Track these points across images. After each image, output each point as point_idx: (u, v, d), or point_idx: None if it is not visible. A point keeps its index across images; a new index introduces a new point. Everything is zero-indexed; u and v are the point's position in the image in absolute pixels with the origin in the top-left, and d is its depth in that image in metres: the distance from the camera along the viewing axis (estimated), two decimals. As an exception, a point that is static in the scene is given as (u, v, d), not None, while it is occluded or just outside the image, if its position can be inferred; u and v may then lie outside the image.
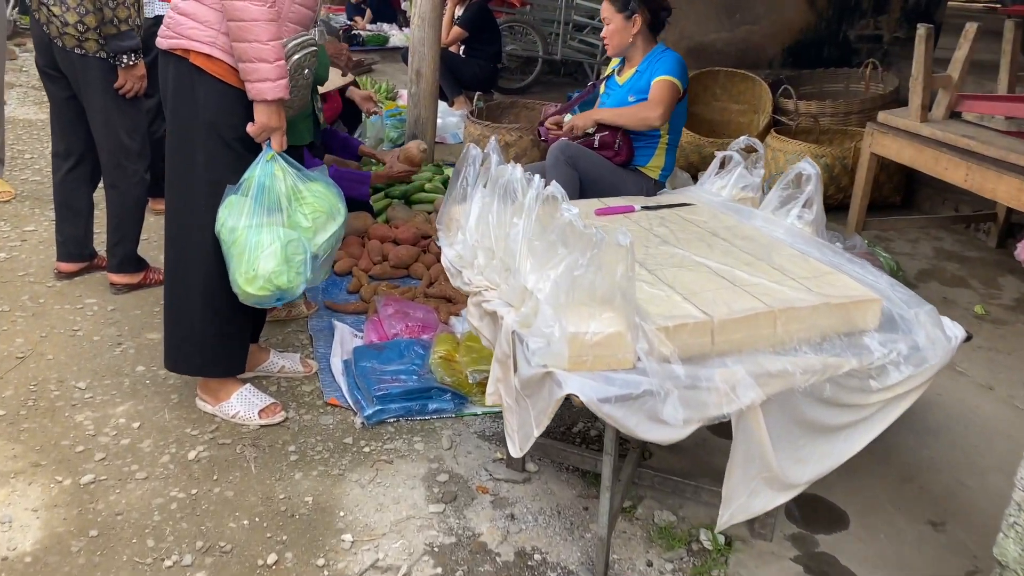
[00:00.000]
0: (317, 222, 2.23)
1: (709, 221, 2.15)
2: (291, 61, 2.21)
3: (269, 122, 2.17)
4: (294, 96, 2.28)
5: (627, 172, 3.67)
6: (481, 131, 4.69)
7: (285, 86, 2.15)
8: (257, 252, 2.13)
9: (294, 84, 2.25)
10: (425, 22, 4.74)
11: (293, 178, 2.23)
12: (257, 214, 2.16)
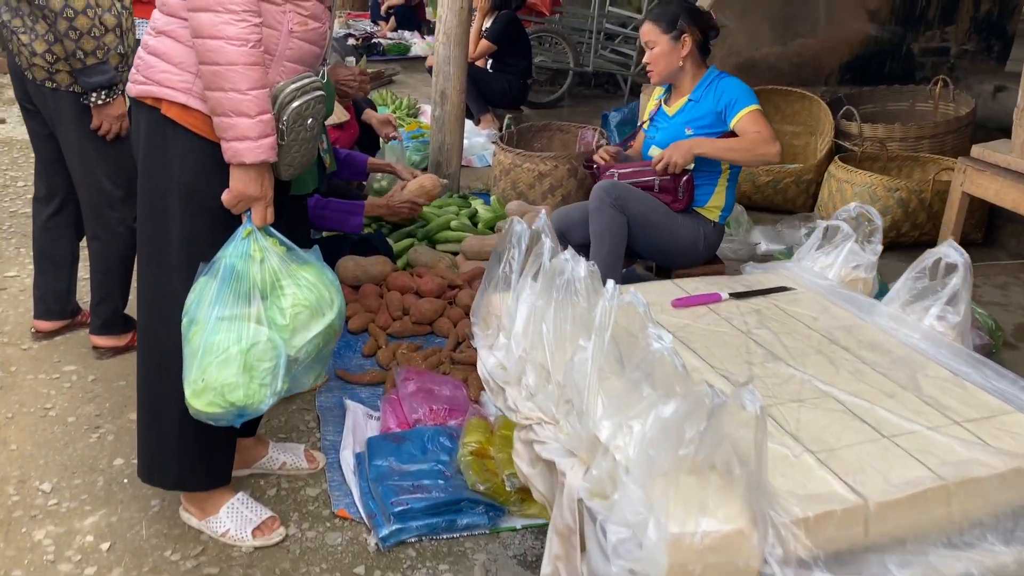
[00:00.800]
0: (298, 319, 1.77)
1: (820, 317, 1.68)
2: (288, 110, 1.77)
3: (247, 190, 1.74)
4: (294, 153, 1.84)
5: (683, 215, 3.21)
6: (512, 159, 4.24)
7: (270, 146, 1.72)
8: (210, 357, 1.68)
9: (293, 138, 1.81)
10: (451, 39, 4.31)
11: (276, 261, 1.78)
12: (222, 304, 1.72)
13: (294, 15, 1.77)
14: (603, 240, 3.06)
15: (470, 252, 3.62)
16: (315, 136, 1.91)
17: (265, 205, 1.78)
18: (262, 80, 1.68)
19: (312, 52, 1.87)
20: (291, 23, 1.77)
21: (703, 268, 3.38)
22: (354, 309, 3.21)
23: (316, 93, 1.84)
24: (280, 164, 1.84)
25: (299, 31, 1.79)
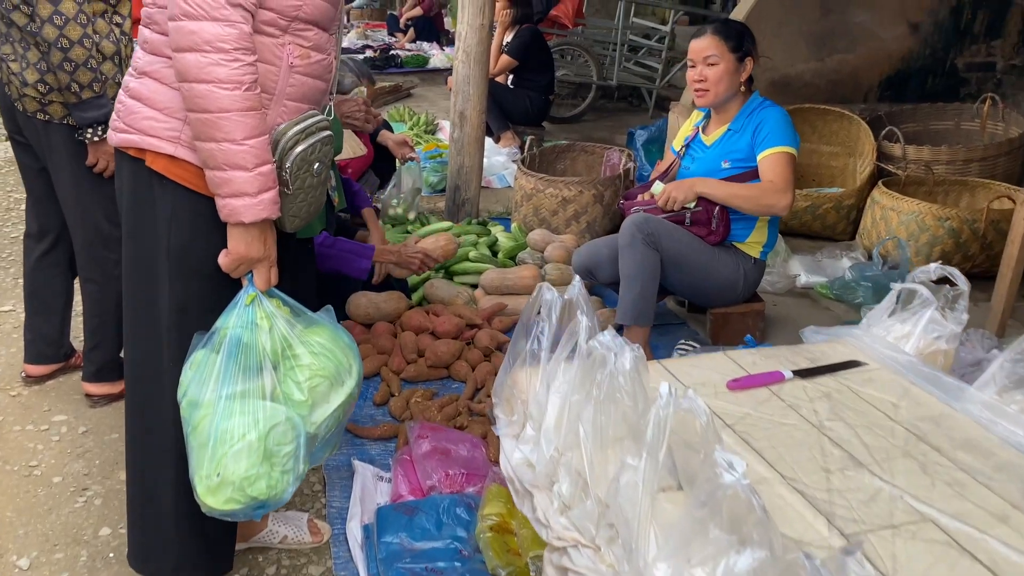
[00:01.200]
0: (316, 392, 1.56)
1: (901, 404, 1.44)
2: (292, 156, 1.56)
3: (248, 252, 1.53)
4: (299, 203, 1.63)
5: (721, 250, 2.97)
6: (534, 184, 4.01)
7: (271, 201, 1.50)
8: (224, 447, 1.46)
9: (299, 186, 1.60)
10: (470, 58, 4.09)
11: (284, 328, 1.56)
12: (229, 381, 1.50)
13: (294, 48, 1.56)
14: (634, 280, 2.83)
15: (490, 287, 3.40)
16: (323, 182, 1.70)
17: (269, 266, 1.57)
18: (260, 127, 1.47)
19: (317, 88, 1.65)
20: (291, 57, 1.55)
21: (742, 307, 3.14)
22: (365, 351, 2.99)
23: (323, 134, 1.63)
24: (284, 216, 1.63)
25: (301, 65, 1.58)
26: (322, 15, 1.59)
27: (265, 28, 1.51)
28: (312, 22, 1.58)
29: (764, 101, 2.92)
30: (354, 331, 3.12)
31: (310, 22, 1.57)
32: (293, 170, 1.57)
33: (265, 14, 1.50)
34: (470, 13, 4.04)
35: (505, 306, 3.30)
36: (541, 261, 3.60)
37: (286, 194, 1.58)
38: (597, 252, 3.12)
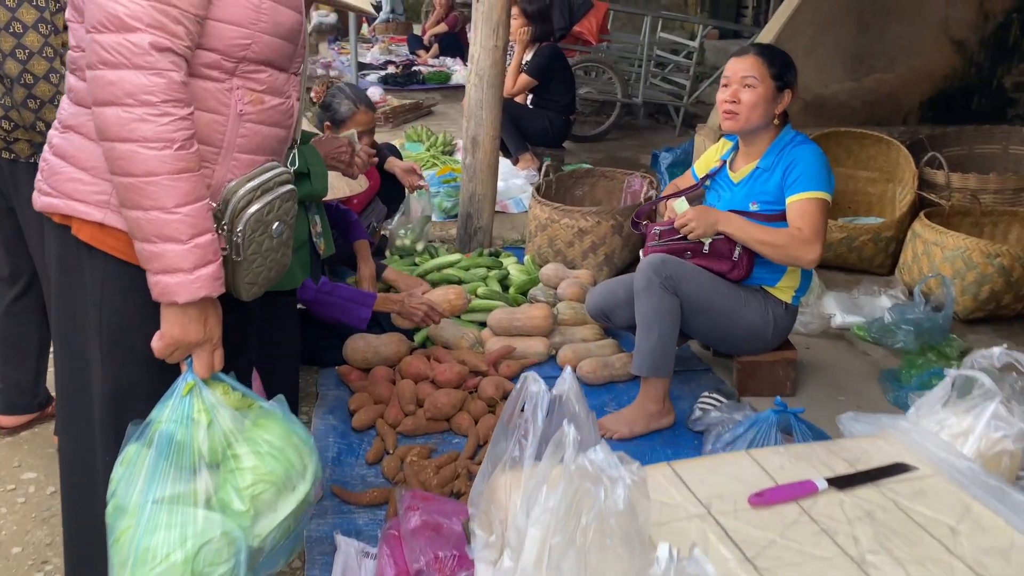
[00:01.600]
0: (260, 500, 1.33)
1: (961, 529, 1.18)
2: (244, 219, 1.35)
3: (184, 335, 1.31)
4: (257, 268, 1.42)
5: (748, 293, 2.72)
6: (549, 214, 3.78)
7: (211, 277, 1.29)
8: (143, 569, 1.24)
9: (254, 251, 1.39)
10: (484, 81, 3.88)
11: (228, 421, 1.34)
12: (158, 484, 1.27)
13: (244, 93, 1.35)
14: (651, 327, 2.58)
15: (498, 327, 3.17)
16: (287, 242, 1.49)
17: (211, 350, 1.35)
18: (196, 191, 1.25)
19: (274, 136, 1.44)
20: (241, 104, 1.35)
21: (772, 355, 2.89)
22: (360, 400, 2.78)
23: (282, 189, 1.42)
24: (238, 284, 1.42)
25: (253, 113, 1.37)
26: (276, 54, 1.38)
27: (207, 72, 1.31)
28: (264, 62, 1.37)
29: (796, 136, 2.66)
30: (350, 376, 2.92)
31: (261, 63, 1.36)
32: (246, 233, 1.36)
33: (206, 55, 1.30)
34: (483, 34, 3.83)
35: (513, 349, 3.07)
36: (554, 299, 3.36)
37: (236, 261, 1.37)
38: (612, 293, 2.87)
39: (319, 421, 2.69)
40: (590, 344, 3.11)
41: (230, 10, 1.29)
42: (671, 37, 7.65)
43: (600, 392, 2.95)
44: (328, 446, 2.58)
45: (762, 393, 2.91)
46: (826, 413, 2.84)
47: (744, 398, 2.89)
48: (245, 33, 1.31)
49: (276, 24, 1.36)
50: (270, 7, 1.34)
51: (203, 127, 1.31)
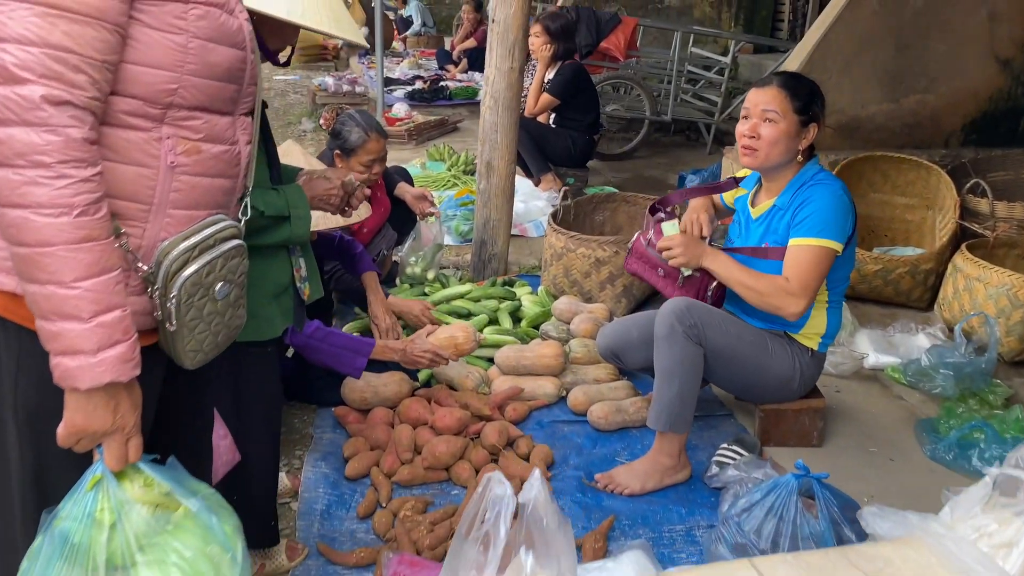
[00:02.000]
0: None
1: None
2: (178, 283, 1.21)
3: (88, 424, 1.15)
4: (199, 335, 1.27)
5: (773, 340, 2.53)
6: (564, 242, 3.60)
7: (117, 360, 1.13)
8: None
9: (193, 316, 1.24)
10: (499, 104, 3.73)
11: (138, 524, 1.18)
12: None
13: (176, 141, 1.20)
14: (671, 379, 2.40)
15: (505, 366, 3.00)
16: (236, 302, 1.34)
17: (122, 440, 1.19)
18: (101, 262, 1.11)
19: (217, 188, 1.29)
20: (172, 154, 1.20)
21: (798, 403, 2.68)
22: (355, 447, 2.62)
23: (226, 246, 1.27)
24: (179, 352, 1.27)
25: (188, 164, 1.23)
26: (212, 97, 1.24)
27: (129, 120, 1.16)
28: (197, 107, 1.22)
29: (818, 174, 2.46)
30: (348, 418, 2.77)
31: (194, 108, 1.22)
32: (182, 298, 1.21)
33: (125, 103, 1.15)
34: (498, 55, 3.68)
35: (520, 391, 2.90)
36: (567, 335, 3.18)
37: (170, 330, 1.23)
38: (625, 334, 2.69)
39: (310, 469, 2.55)
40: (603, 386, 2.93)
41: (150, 52, 1.15)
42: (703, 52, 7.45)
43: (612, 439, 2.76)
44: (317, 497, 2.43)
45: (787, 443, 2.71)
46: (855, 466, 2.64)
47: (767, 448, 2.69)
48: (169, 76, 1.17)
49: (207, 65, 1.21)
50: (198, 47, 1.19)
51: (128, 183, 1.17)
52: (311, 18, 1.72)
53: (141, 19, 1.15)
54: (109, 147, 1.16)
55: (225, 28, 1.23)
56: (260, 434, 1.98)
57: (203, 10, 1.19)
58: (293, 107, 9.08)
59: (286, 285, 1.95)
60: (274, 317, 1.91)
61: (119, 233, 1.17)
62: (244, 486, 1.97)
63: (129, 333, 1.14)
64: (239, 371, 1.93)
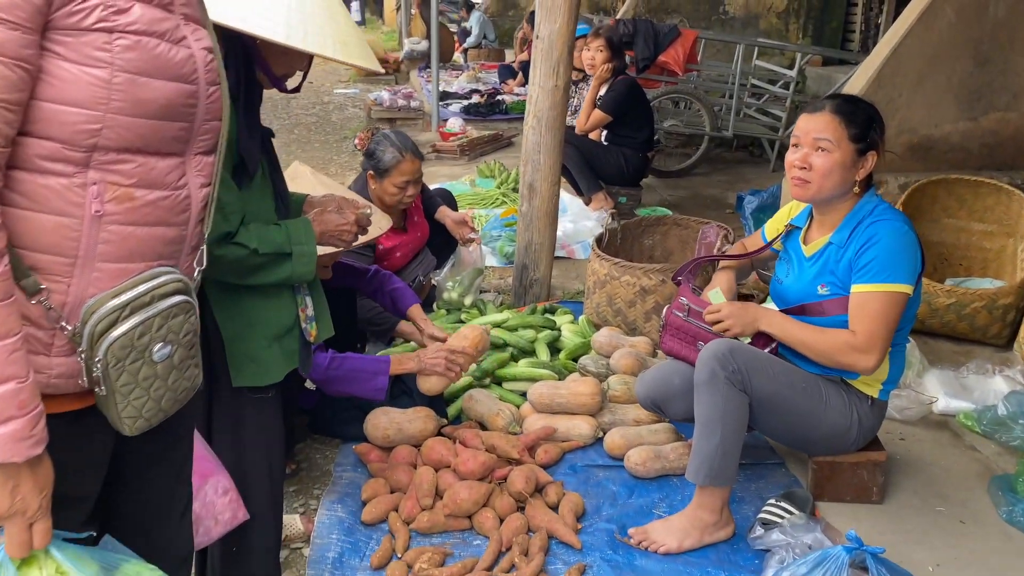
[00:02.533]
0: None
1: None
2: (105, 344, 1.09)
3: None
4: (135, 400, 1.15)
5: (828, 387, 2.31)
6: (608, 270, 3.42)
7: (10, 439, 1.01)
8: None
9: (127, 381, 1.12)
10: (542, 124, 3.57)
11: None
12: None
13: (104, 187, 1.08)
14: (712, 429, 2.20)
15: (538, 403, 2.82)
16: (180, 365, 1.20)
17: (22, 524, 1.06)
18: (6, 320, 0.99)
19: (157, 238, 1.16)
20: (98, 202, 1.07)
21: (856, 456, 2.45)
22: (374, 489, 2.49)
23: (165, 303, 1.15)
24: (114, 417, 1.15)
25: (118, 212, 1.10)
26: (146, 139, 1.11)
27: (46, 165, 1.04)
28: (128, 149, 1.09)
29: (878, 207, 2.22)
30: (370, 456, 2.64)
31: (125, 150, 1.09)
32: (109, 362, 1.09)
33: (39, 146, 1.03)
34: (542, 73, 3.52)
35: (553, 431, 2.72)
36: (606, 370, 2.99)
37: (101, 395, 1.10)
38: (666, 382, 2.49)
39: (325, 512, 2.41)
40: (643, 428, 2.73)
41: (68, 89, 1.03)
42: (767, 65, 7.16)
43: (650, 488, 2.56)
44: (330, 544, 2.29)
45: (842, 498, 2.47)
46: (920, 528, 2.38)
47: (821, 503, 2.45)
48: (90, 116, 1.04)
49: (137, 103, 1.08)
50: (125, 82, 1.06)
51: (47, 233, 1.06)
52: (313, 42, 1.59)
53: (56, 51, 1.02)
54: (25, 195, 1.04)
55: (163, 60, 1.10)
56: (259, 484, 1.86)
57: (132, 40, 1.06)
58: (350, 121, 9.10)
59: (290, 326, 1.82)
60: (274, 362, 1.78)
61: (38, 289, 1.06)
62: (243, 537, 1.85)
63: (26, 408, 1.02)
64: (238, 418, 1.81)
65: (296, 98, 10.76)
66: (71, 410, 1.15)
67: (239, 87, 1.64)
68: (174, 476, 1.44)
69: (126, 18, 1.07)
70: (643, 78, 6.45)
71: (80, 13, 1.03)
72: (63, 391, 1.12)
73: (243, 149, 1.67)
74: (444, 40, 12.45)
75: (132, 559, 1.20)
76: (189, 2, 1.21)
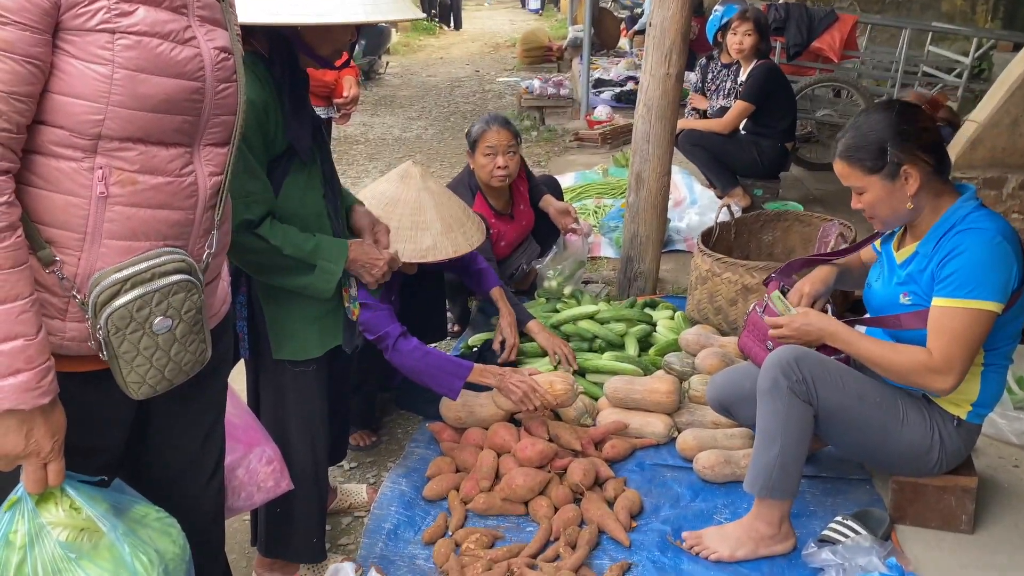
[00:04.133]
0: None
1: None
2: (107, 313, 1.21)
3: (1, 447, 1.17)
4: (138, 366, 1.27)
5: (907, 402, 2.14)
6: (710, 265, 3.30)
7: (20, 388, 1.14)
8: None
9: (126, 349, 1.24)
10: (652, 112, 3.50)
11: (48, 550, 1.18)
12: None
13: (109, 171, 1.20)
14: (771, 439, 2.11)
15: (613, 397, 2.80)
16: (183, 339, 1.31)
17: (37, 464, 1.20)
18: (3, 289, 1.12)
19: (161, 220, 1.27)
20: (104, 184, 1.19)
21: (943, 479, 2.25)
22: (439, 467, 2.57)
23: (164, 281, 1.25)
24: (120, 381, 1.27)
25: (122, 195, 1.22)
26: (147, 130, 1.21)
27: (58, 150, 1.17)
28: (130, 138, 1.20)
29: (970, 215, 2.01)
30: (443, 435, 2.72)
31: (127, 139, 1.20)
32: (109, 331, 1.20)
33: (52, 133, 1.16)
34: (653, 61, 3.46)
35: (624, 426, 2.69)
36: (690, 369, 2.90)
37: (106, 359, 1.23)
38: (737, 385, 2.39)
39: (389, 485, 2.52)
40: (718, 432, 2.64)
41: (75, 83, 1.15)
42: (941, 51, 6.58)
43: (716, 492, 2.48)
44: (388, 516, 2.40)
45: (927, 524, 2.28)
46: (1013, 564, 2.16)
47: (903, 526, 2.28)
48: (93, 108, 1.16)
49: (136, 97, 1.18)
50: (124, 78, 1.17)
51: (59, 211, 1.19)
52: (345, 12, 1.65)
53: (66, 49, 1.15)
54: (41, 176, 1.18)
55: (165, 59, 1.21)
56: (302, 454, 1.97)
57: (133, 40, 1.17)
58: (505, 109, 9.26)
59: (331, 306, 1.91)
60: (314, 338, 1.89)
61: (52, 260, 1.19)
62: (286, 502, 1.97)
63: (33, 362, 1.15)
64: (279, 390, 1.93)
65: (460, 85, 11.10)
66: (87, 371, 1.29)
67: (283, 78, 1.74)
68: (200, 441, 1.56)
69: (129, 20, 1.18)
70: (796, 64, 6.13)
71: (85, 15, 1.15)
72: (77, 353, 1.26)
73: (291, 136, 1.77)
74: (610, 26, 12.35)
75: (140, 501, 1.33)
76: (208, 5, 1.32)
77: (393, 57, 13.15)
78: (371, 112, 9.18)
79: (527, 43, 12.31)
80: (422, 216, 2.63)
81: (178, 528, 1.38)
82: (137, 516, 1.35)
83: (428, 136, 8.06)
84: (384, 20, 1.72)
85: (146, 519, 1.33)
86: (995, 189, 3.93)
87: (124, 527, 1.25)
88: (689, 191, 5.22)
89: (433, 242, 2.62)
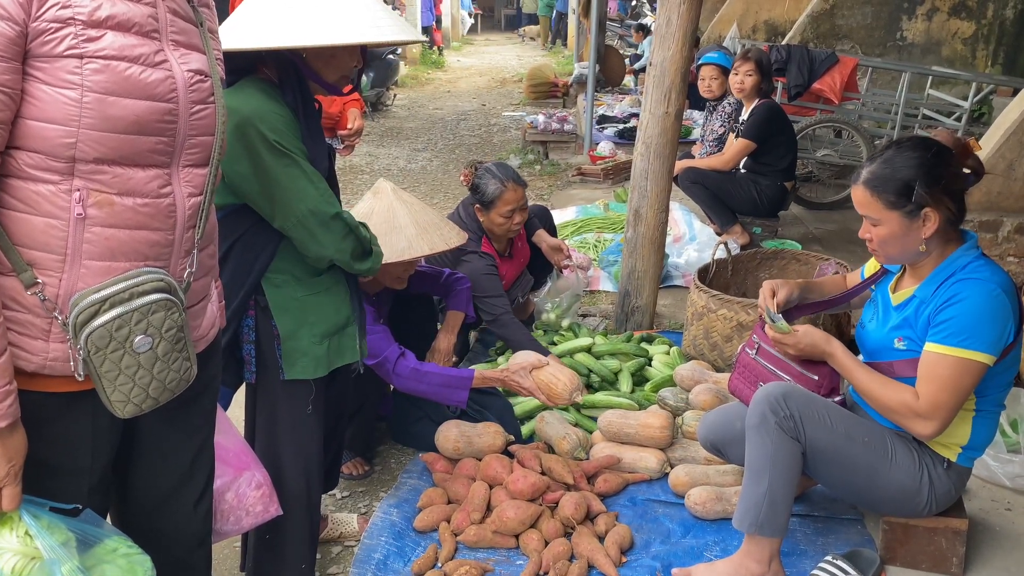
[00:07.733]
0: None
1: None
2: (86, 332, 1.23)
3: None
4: (121, 385, 1.29)
5: (896, 442, 2.15)
6: (706, 302, 3.33)
7: None
8: None
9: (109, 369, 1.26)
10: (651, 150, 3.55)
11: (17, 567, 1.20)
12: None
13: (86, 193, 1.23)
14: (759, 475, 2.11)
15: (607, 431, 2.81)
16: (166, 357, 1.32)
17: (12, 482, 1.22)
18: None
19: (140, 240, 1.30)
20: (83, 206, 1.23)
21: (933, 520, 2.25)
22: (431, 498, 2.57)
23: (143, 300, 1.27)
24: (104, 400, 1.29)
25: (101, 216, 1.25)
26: (120, 152, 1.24)
27: (34, 173, 1.21)
28: (104, 160, 1.23)
29: (971, 264, 2.02)
30: (436, 466, 2.73)
31: (101, 161, 1.23)
32: (90, 350, 1.23)
33: (28, 156, 1.20)
34: (653, 100, 3.51)
35: (616, 460, 2.69)
36: (684, 405, 2.91)
37: (90, 377, 1.25)
38: (728, 425, 2.40)
39: (380, 515, 2.53)
40: (711, 468, 2.64)
41: (46, 108, 1.18)
42: (941, 95, 6.65)
43: (708, 529, 2.47)
44: (377, 546, 2.40)
45: (917, 566, 2.28)
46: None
47: (893, 568, 2.27)
48: (65, 131, 1.19)
49: (107, 119, 1.22)
50: (94, 101, 1.20)
51: (39, 233, 1.22)
52: (351, 33, 1.69)
53: (36, 76, 1.18)
54: (21, 199, 1.21)
55: (133, 81, 1.24)
56: (293, 480, 1.99)
57: (101, 64, 1.20)
58: (509, 143, 9.35)
59: (342, 324, 1.95)
60: (323, 356, 1.92)
61: (34, 282, 1.22)
62: (277, 528, 1.98)
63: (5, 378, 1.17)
64: (272, 414, 1.95)
65: (466, 119, 11.22)
66: (72, 391, 1.31)
67: (297, 102, 1.79)
68: (188, 463, 1.57)
69: (96, 45, 1.21)
70: (797, 105, 6.20)
71: (52, 42, 1.19)
72: (61, 373, 1.29)
73: (310, 159, 1.81)
74: (615, 64, 12.48)
75: (112, 534, 1.34)
76: (184, 30, 1.35)
77: (401, 89, 13.29)
78: (377, 143, 9.27)
79: (533, 79, 12.45)
80: (396, 221, 2.61)
81: (149, 565, 1.37)
82: (105, 550, 1.34)
83: (433, 167, 8.13)
84: (384, 42, 1.75)
85: (114, 554, 1.33)
86: (991, 232, 3.97)
87: (76, 562, 1.25)
88: (689, 227, 5.26)
89: (408, 243, 2.59)
